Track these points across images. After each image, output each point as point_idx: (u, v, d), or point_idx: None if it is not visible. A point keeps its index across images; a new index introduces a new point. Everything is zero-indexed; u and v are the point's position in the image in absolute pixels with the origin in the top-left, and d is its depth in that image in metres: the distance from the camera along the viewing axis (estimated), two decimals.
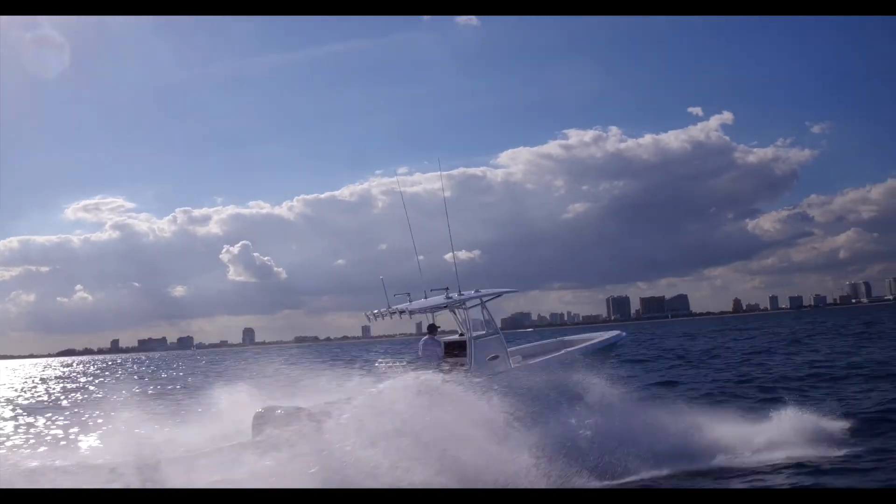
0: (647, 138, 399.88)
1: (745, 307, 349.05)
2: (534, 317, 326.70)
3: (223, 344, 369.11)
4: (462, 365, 13.72)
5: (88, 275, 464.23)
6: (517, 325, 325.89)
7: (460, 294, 14.49)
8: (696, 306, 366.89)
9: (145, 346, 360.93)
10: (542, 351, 16.67)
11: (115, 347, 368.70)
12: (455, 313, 15.55)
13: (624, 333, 17.74)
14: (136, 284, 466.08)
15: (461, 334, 15.09)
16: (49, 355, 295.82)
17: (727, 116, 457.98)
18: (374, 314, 15.03)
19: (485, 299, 14.63)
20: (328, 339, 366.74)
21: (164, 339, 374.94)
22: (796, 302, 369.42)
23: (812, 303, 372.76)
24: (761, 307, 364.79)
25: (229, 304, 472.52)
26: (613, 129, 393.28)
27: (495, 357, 13.96)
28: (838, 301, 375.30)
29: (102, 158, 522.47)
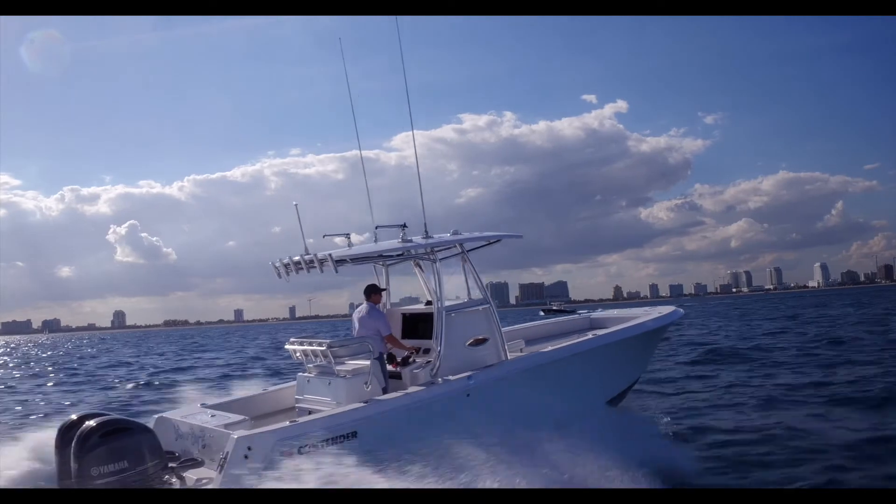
0: (542, 125, 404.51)
1: (626, 294, 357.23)
2: None
3: (91, 327, 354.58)
4: (425, 352, 8.88)
5: None
6: None
7: (428, 236, 8.83)
8: (580, 293, 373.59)
9: (9, 328, 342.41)
10: (558, 331, 12.08)
11: None
12: (420, 268, 9.74)
13: (681, 310, 12.51)
14: (20, 264, 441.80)
15: (429, 302, 9.54)
16: None
17: (621, 105, 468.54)
18: (283, 265, 8.92)
19: (467, 247, 9.09)
20: (198, 322, 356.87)
21: (28, 321, 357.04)
22: (676, 290, 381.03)
23: (693, 291, 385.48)
24: (642, 295, 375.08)
25: (119, 286, 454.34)
26: (508, 115, 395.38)
27: (482, 340, 8.81)
28: (719, 290, 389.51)
29: None
